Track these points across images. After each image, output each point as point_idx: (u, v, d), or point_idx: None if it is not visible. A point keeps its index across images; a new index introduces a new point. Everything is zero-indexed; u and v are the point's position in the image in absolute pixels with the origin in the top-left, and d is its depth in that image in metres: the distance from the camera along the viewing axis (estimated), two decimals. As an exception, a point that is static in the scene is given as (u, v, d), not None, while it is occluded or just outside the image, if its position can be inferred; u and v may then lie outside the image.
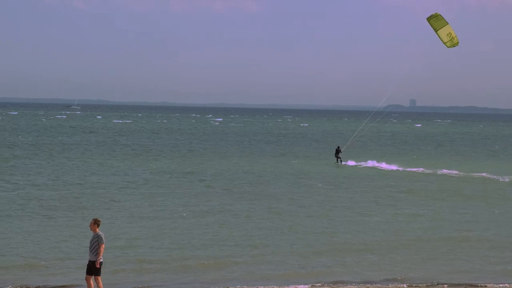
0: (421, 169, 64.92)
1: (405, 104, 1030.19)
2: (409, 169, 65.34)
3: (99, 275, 20.68)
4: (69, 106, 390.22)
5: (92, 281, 20.81)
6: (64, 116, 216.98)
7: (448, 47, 34.07)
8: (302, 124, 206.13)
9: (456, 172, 62.80)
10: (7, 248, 28.53)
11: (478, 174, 61.38)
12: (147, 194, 44.39)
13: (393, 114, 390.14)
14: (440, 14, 34.39)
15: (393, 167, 66.33)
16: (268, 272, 26.25)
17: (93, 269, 20.54)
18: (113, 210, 37.97)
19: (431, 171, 63.16)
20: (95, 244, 20.47)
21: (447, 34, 33.51)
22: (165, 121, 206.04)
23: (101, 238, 20.52)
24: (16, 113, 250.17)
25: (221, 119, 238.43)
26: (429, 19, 34.21)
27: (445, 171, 63.49)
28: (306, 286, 24.44)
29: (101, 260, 20.67)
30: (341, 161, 70.30)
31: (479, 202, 44.56)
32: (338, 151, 70.93)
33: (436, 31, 33.72)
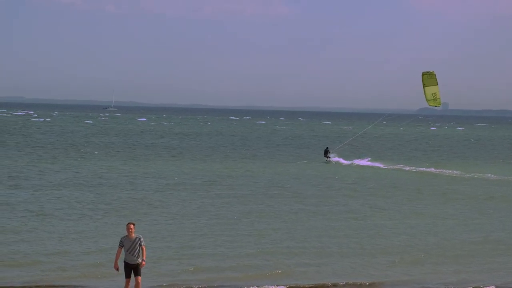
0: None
1: (437, 108, 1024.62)
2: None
3: (140, 275, 20.95)
4: (106, 108, 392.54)
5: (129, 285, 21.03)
6: (102, 117, 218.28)
7: (429, 105, 35.08)
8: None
9: None
10: (48, 247, 28.88)
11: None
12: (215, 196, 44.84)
13: (421, 117, 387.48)
14: (435, 74, 35.47)
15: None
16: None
17: (137, 270, 20.81)
18: (194, 208, 38.66)
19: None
20: (138, 246, 20.71)
21: (432, 94, 34.91)
22: (209, 123, 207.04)
23: (143, 240, 20.94)
24: (56, 113, 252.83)
25: (263, 122, 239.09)
26: (424, 73, 35.37)
27: None
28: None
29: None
30: (330, 159, 74.96)
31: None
32: (326, 152, 76.30)
33: (424, 86, 34.78)
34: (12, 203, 38.89)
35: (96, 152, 76.74)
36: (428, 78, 34.67)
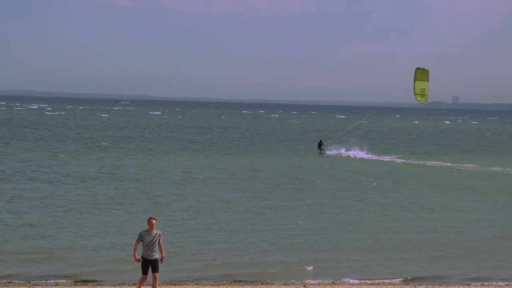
0: None
1: (447, 101, 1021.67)
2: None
3: (158, 272, 20.74)
4: (118, 101, 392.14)
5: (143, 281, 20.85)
6: (116, 111, 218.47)
7: (416, 99, 35.17)
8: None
9: None
10: (73, 240, 29.27)
11: None
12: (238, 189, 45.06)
13: (431, 111, 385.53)
14: (428, 71, 35.63)
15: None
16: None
17: (155, 267, 20.52)
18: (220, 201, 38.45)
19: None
20: (157, 242, 20.44)
21: (421, 89, 34.98)
22: (223, 117, 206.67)
23: (162, 237, 20.68)
24: (70, 107, 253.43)
25: (277, 115, 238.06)
26: (417, 68, 35.47)
27: None
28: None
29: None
30: (324, 152, 77.20)
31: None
32: (320, 144, 78.48)
33: (414, 80, 34.92)
34: (34, 197, 39.09)
35: (119, 147, 77.00)
36: (421, 73, 34.94)
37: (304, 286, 23.97)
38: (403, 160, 71.27)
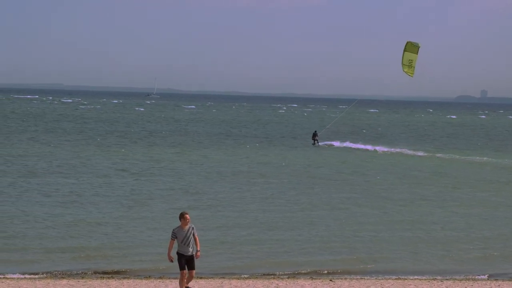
0: None
1: (476, 95, 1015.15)
2: None
3: (194, 269, 20.40)
4: (148, 95, 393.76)
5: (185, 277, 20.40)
6: (149, 104, 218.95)
7: (403, 71, 34.88)
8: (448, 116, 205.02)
9: None
10: (99, 235, 29.44)
11: None
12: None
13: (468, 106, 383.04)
14: (419, 46, 35.41)
15: None
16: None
17: (192, 263, 20.17)
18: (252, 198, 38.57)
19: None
20: (191, 236, 20.04)
21: (409, 60, 34.51)
22: (257, 111, 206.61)
23: (195, 230, 20.26)
24: (105, 100, 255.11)
25: (310, 110, 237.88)
26: (408, 42, 35.23)
27: None
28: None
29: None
30: (318, 142, 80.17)
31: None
32: (314, 135, 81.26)
33: (404, 51, 34.62)
34: (85, 194, 39.25)
35: (172, 141, 77.21)
36: (411, 45, 34.71)
37: (330, 280, 23.91)
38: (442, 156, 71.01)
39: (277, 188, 43.60)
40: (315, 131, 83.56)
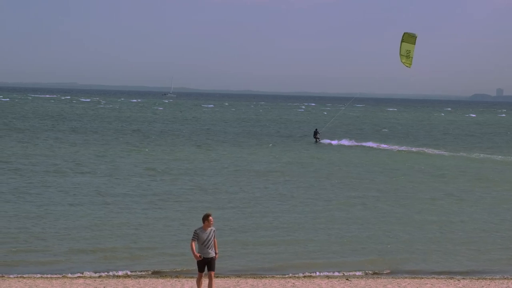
0: None
1: (491, 94, 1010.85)
2: None
3: (214, 270, 20.17)
4: (165, 94, 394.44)
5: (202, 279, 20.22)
6: (167, 101, 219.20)
7: (401, 61, 35.10)
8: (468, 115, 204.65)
9: None
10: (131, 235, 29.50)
11: None
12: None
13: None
14: (416, 37, 35.54)
15: None
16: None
17: (211, 265, 19.93)
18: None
19: None
20: (212, 239, 19.87)
21: (407, 51, 34.66)
22: (276, 110, 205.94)
23: (216, 233, 20.09)
24: (123, 99, 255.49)
25: (329, 109, 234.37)
26: (405, 33, 35.38)
27: None
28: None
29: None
30: (319, 140, 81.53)
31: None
32: (316, 133, 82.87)
33: (401, 42, 34.85)
34: (112, 193, 39.50)
35: (199, 141, 77.39)
36: (408, 36, 34.87)
37: (347, 279, 23.98)
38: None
39: (297, 187, 43.77)
40: (316, 129, 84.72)
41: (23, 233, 29.26)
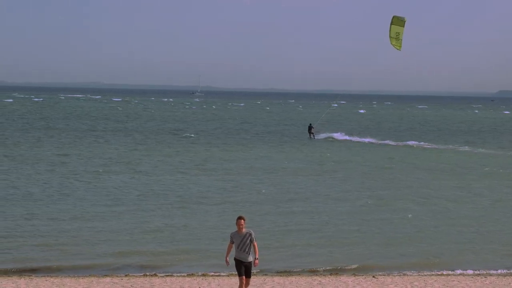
0: None
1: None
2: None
3: (250, 277, 19.59)
4: (193, 93, 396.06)
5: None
6: (197, 100, 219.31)
7: (391, 43, 35.40)
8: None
9: None
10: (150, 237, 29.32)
11: None
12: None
13: (494, 100, 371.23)
14: (405, 21, 35.82)
15: None
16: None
17: (248, 271, 19.31)
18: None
19: None
20: (249, 242, 19.13)
21: (396, 33, 34.80)
22: (300, 107, 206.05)
23: (254, 236, 19.25)
24: (153, 99, 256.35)
25: (361, 106, 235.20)
26: (395, 16, 35.69)
27: None
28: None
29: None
30: (314, 136, 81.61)
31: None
32: (310, 128, 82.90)
33: (391, 24, 35.18)
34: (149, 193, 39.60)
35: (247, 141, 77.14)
36: (397, 20, 35.30)
37: (373, 276, 23.96)
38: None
39: (328, 186, 43.89)
40: (310, 124, 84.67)
41: (59, 232, 29.52)
